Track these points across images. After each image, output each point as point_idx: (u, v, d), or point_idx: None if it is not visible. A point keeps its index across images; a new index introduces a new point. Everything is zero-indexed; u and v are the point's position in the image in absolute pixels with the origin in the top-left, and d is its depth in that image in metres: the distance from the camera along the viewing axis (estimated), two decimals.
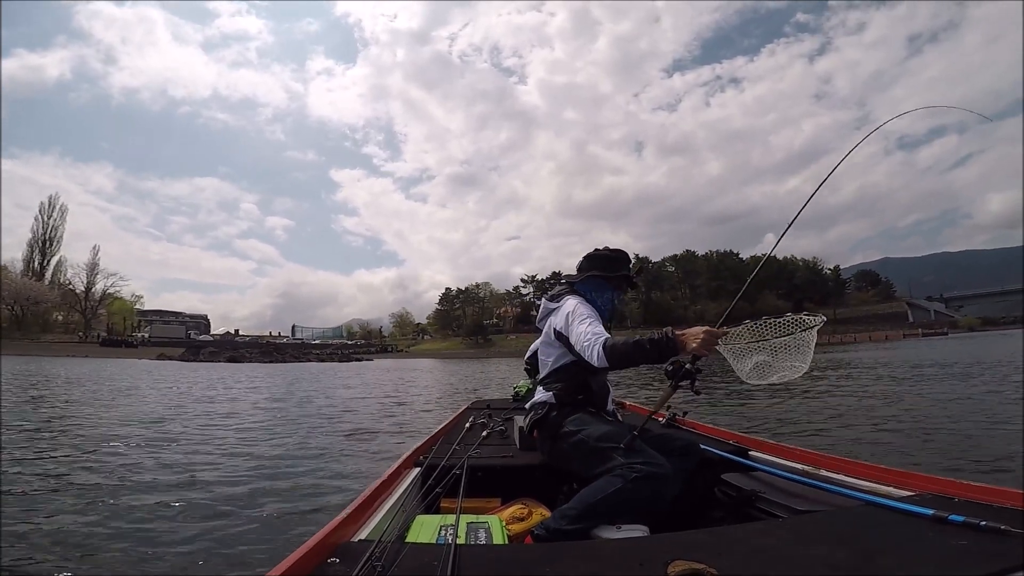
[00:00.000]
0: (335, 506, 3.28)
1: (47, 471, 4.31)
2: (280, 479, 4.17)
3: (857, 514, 1.34)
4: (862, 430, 5.59)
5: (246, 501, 3.55)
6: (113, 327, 78.58)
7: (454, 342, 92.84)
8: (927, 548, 1.06)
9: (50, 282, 72.27)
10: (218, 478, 4.20)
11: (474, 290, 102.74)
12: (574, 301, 2.05)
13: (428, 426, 7.16)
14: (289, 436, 6.40)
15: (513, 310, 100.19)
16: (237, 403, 10.48)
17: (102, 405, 9.44)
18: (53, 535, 2.88)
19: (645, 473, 1.58)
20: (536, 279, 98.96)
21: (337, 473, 4.42)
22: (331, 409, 9.39)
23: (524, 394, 4.22)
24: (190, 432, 6.61)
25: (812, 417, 6.51)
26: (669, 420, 2.85)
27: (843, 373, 13.64)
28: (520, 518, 1.79)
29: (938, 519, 1.17)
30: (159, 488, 3.87)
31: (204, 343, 71.86)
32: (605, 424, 1.90)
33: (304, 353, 67.47)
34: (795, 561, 1.04)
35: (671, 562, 1.02)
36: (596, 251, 2.22)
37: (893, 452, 4.47)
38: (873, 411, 6.86)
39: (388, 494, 1.71)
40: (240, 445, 5.68)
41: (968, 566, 0.96)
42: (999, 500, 1.26)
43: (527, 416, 2.17)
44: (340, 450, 5.47)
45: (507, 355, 62.27)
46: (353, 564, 1.04)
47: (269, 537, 2.85)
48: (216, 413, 8.67)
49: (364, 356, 69.26)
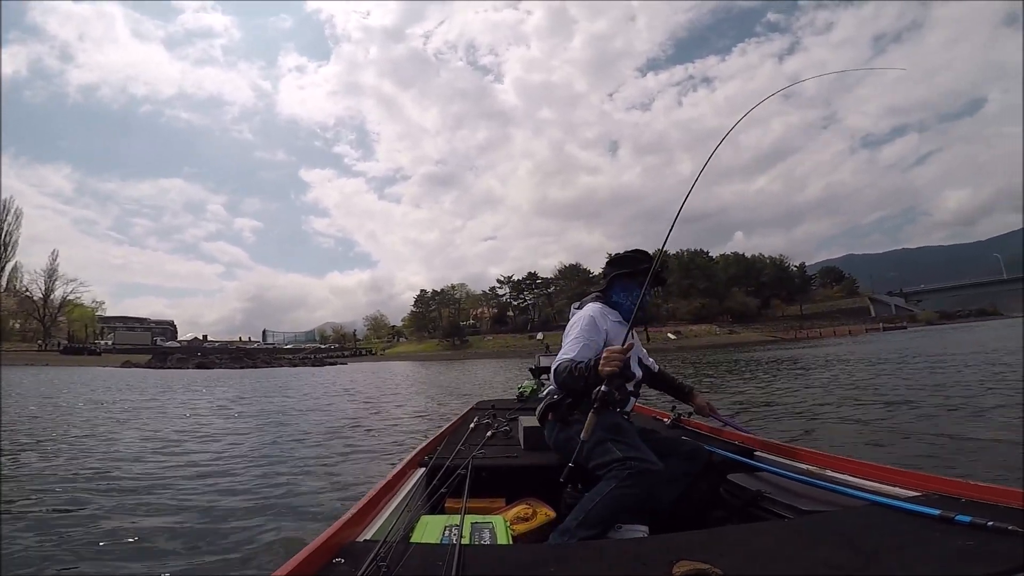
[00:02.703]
0: (337, 507, 3.35)
1: (70, 476, 4.35)
2: (281, 480, 4.22)
3: (863, 514, 1.34)
4: (858, 428, 5.66)
5: (248, 502, 3.58)
6: (74, 334, 75.53)
7: (430, 344, 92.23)
8: (934, 548, 1.05)
9: (5, 289, 69.15)
10: (220, 479, 4.23)
11: (450, 291, 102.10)
12: (583, 314, 2.14)
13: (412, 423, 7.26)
14: (288, 437, 6.46)
15: (490, 311, 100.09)
16: (225, 408, 10.35)
17: (103, 409, 9.18)
18: (55, 535, 2.90)
19: (638, 470, 1.63)
20: (512, 279, 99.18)
21: (334, 473, 4.48)
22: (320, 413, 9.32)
23: (529, 395, 4.27)
24: (187, 434, 6.62)
25: (809, 416, 6.58)
26: (674, 421, 2.88)
27: (821, 368, 14.11)
28: (524, 518, 1.81)
29: (945, 519, 1.16)
30: (161, 490, 3.90)
31: (171, 349, 69.74)
32: (613, 418, 1.94)
33: (275, 358, 66.07)
34: (800, 561, 1.04)
35: (676, 562, 1.02)
36: (616, 254, 2.33)
37: (887, 447, 4.56)
38: (848, 405, 7.10)
39: (393, 494, 1.74)
40: (240, 445, 5.74)
41: (975, 566, 0.96)
42: (1006, 500, 1.24)
43: (543, 400, 2.21)
44: (338, 451, 5.52)
45: (484, 356, 62.20)
46: (358, 564, 1.04)
47: (274, 537, 2.88)
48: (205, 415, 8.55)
49: (338, 360, 68.31)
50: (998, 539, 1.05)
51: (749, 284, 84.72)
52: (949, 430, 4.81)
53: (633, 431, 1.92)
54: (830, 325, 73.50)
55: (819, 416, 6.29)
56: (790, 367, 14.69)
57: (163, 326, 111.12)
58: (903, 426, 5.25)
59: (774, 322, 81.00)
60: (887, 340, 31.03)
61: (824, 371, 12.58)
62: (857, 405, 6.89)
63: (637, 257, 2.25)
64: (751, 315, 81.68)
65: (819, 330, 68.88)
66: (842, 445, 4.58)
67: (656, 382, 2.56)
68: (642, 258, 2.24)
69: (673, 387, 2.56)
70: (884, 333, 55.04)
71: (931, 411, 5.92)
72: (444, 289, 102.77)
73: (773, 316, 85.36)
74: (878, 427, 5.33)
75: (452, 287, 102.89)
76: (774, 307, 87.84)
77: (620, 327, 2.14)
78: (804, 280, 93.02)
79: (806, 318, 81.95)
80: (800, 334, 65.94)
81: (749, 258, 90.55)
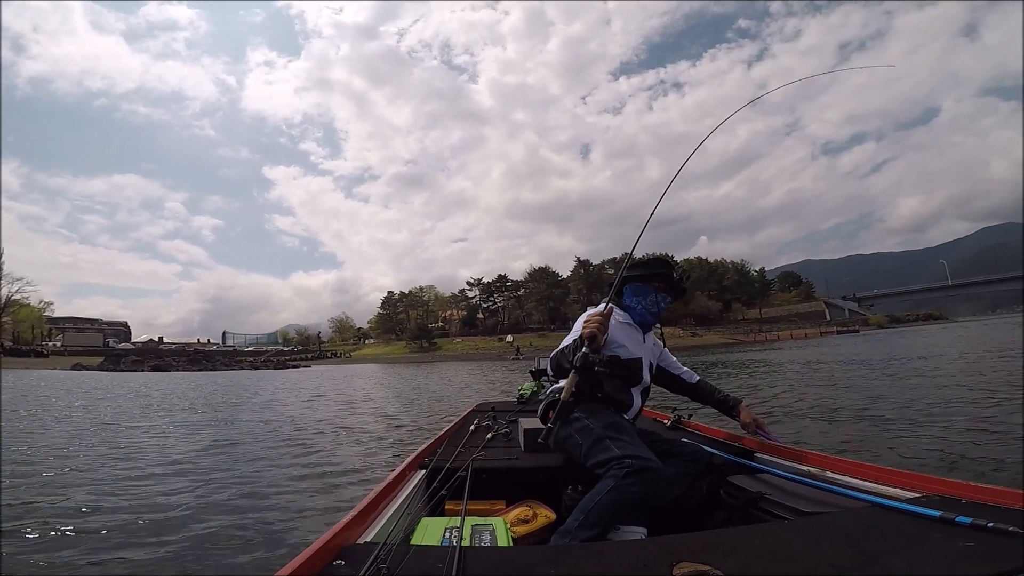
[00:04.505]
0: (339, 508, 3.36)
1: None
2: (280, 481, 4.22)
3: (863, 515, 1.34)
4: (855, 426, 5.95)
5: (250, 503, 3.60)
6: (19, 336, 71.70)
7: (397, 346, 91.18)
8: (934, 549, 1.05)
9: None
10: (221, 480, 4.22)
11: (418, 293, 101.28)
12: (586, 314, 2.13)
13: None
14: (284, 438, 6.52)
15: (459, 313, 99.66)
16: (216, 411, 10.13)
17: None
18: (58, 534, 2.91)
19: (637, 468, 1.62)
20: (482, 282, 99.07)
21: (329, 474, 4.51)
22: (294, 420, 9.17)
23: (529, 396, 4.28)
24: (176, 438, 6.64)
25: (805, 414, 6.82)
26: (675, 422, 2.88)
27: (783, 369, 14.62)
28: (525, 520, 1.80)
29: (945, 520, 1.17)
30: (162, 491, 3.89)
31: (125, 351, 66.98)
32: (612, 417, 1.95)
33: (236, 360, 64.19)
34: (801, 563, 1.04)
35: (677, 564, 1.02)
36: (638, 259, 2.30)
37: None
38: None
39: (393, 496, 1.74)
40: (238, 447, 5.79)
41: (976, 567, 0.96)
42: (1006, 502, 1.25)
43: (546, 398, 2.19)
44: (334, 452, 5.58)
45: (453, 359, 61.86)
46: (358, 566, 1.04)
47: (274, 540, 2.88)
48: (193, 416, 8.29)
49: (301, 363, 66.89)
50: (999, 540, 1.05)
51: (712, 288, 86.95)
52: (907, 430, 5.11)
53: (632, 430, 1.94)
54: (787, 328, 75.97)
55: (785, 418, 6.54)
56: (755, 368, 15.26)
57: (116, 327, 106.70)
58: (857, 423, 5.63)
59: (735, 325, 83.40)
60: (838, 343, 32.21)
61: (782, 374, 13.10)
62: (821, 405, 7.25)
63: (652, 263, 2.27)
64: (713, 318, 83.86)
65: (777, 333, 71.07)
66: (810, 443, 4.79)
67: (696, 394, 2.44)
68: (658, 264, 2.26)
69: (715, 400, 2.40)
70: (838, 336, 57.18)
71: (889, 414, 6.29)
72: (412, 291, 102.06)
73: (734, 319, 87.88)
74: (844, 424, 5.68)
75: (421, 289, 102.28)
76: (735, 310, 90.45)
77: (628, 328, 2.18)
78: (764, 285, 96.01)
79: (765, 321, 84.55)
80: (759, 337, 68.02)
81: (712, 263, 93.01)
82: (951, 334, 30.18)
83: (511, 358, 49.36)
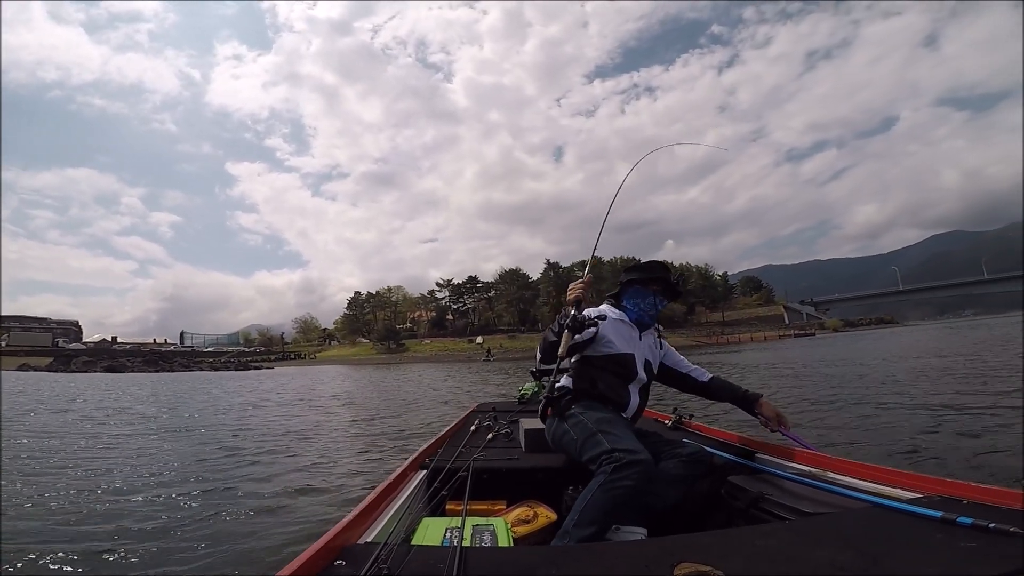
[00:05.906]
0: (340, 509, 3.38)
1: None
2: (281, 482, 4.24)
3: (864, 516, 1.34)
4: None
5: (250, 504, 3.61)
6: None
7: (364, 347, 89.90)
8: (935, 550, 1.05)
9: None
10: (221, 481, 4.24)
11: (386, 294, 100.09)
12: None
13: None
14: (282, 439, 6.56)
15: (428, 314, 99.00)
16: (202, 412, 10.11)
17: None
18: (58, 534, 2.93)
19: (625, 461, 1.62)
20: (452, 283, 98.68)
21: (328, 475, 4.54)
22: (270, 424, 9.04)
23: (530, 397, 4.32)
24: (173, 438, 6.67)
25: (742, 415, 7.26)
26: (676, 422, 2.90)
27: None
28: (526, 520, 1.81)
29: (946, 521, 1.17)
30: (162, 492, 3.89)
31: (76, 352, 64.17)
32: (607, 414, 1.98)
33: (195, 361, 62.41)
34: (802, 563, 1.04)
35: (677, 564, 1.02)
36: (636, 263, 2.39)
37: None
38: None
39: (394, 496, 1.75)
40: (239, 447, 5.82)
41: (977, 568, 0.96)
42: (1008, 502, 1.25)
43: (545, 394, 2.27)
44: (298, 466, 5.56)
45: (421, 361, 61.40)
46: (359, 566, 1.05)
47: (275, 540, 2.90)
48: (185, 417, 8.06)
49: (264, 364, 65.32)
50: (999, 541, 1.05)
51: None
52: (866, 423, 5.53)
53: (625, 425, 1.97)
54: (748, 331, 78.33)
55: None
56: (718, 370, 15.51)
57: (66, 327, 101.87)
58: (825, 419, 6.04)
59: (698, 327, 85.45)
60: (790, 347, 33.35)
61: (743, 377, 13.59)
62: None
63: (651, 266, 2.32)
64: (678, 321, 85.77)
65: (739, 336, 73.38)
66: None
67: (709, 392, 2.41)
68: (657, 268, 2.30)
69: (732, 396, 2.33)
70: (796, 339, 59.21)
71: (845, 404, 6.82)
72: (380, 291, 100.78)
73: (697, 322, 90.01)
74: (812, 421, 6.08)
75: (389, 289, 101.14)
76: (699, 313, 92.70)
77: (621, 324, 2.23)
78: (727, 289, 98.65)
79: (727, 324, 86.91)
80: (722, 339, 70.05)
81: (677, 266, 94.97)
82: (904, 338, 31.43)
83: (482, 360, 49.12)
